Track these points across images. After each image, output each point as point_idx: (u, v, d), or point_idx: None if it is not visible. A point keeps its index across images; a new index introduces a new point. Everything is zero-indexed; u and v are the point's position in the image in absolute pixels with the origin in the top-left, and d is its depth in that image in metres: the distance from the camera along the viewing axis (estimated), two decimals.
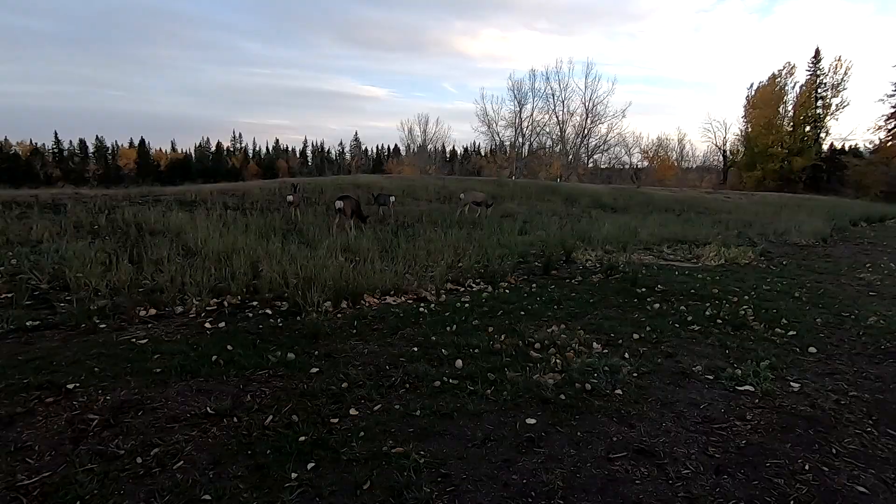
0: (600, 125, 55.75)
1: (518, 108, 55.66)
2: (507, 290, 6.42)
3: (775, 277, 7.79)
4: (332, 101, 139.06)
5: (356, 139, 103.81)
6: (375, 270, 6.35)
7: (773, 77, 47.31)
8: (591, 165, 60.51)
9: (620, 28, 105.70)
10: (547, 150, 59.27)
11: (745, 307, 5.76)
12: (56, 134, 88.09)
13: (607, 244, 9.98)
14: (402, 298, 5.81)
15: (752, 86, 50.79)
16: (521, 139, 57.01)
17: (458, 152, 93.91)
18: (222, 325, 4.63)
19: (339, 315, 5.10)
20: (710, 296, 6.31)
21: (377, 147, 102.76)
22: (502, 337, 4.55)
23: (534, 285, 6.76)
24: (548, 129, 58.07)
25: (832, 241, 13.08)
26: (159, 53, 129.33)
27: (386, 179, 18.91)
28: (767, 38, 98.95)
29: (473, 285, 6.70)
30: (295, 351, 4.03)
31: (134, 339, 4.12)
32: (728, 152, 54.77)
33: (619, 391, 3.51)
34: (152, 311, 4.88)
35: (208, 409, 3.03)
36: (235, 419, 2.96)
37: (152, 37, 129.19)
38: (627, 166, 61.98)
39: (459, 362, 3.91)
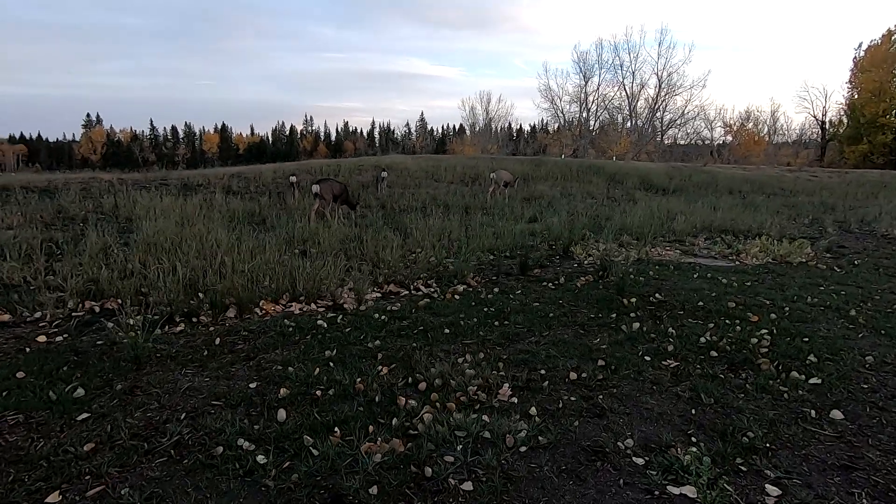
0: (675, 97, 51.16)
1: (583, 82, 52.30)
2: (457, 297, 5.22)
3: (833, 285, 5.92)
4: (402, 81, 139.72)
5: (422, 119, 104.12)
6: (307, 267, 5.38)
7: (889, 34, 40.42)
8: (668, 142, 55.80)
9: None
10: (619, 126, 55.38)
11: (762, 332, 4.17)
12: (151, 122, 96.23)
13: (626, 234, 8.35)
14: (313, 306, 4.80)
15: (860, 46, 43.80)
16: (585, 114, 53.70)
17: (526, 130, 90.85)
18: (61, 338, 3.88)
19: (211, 328, 4.19)
20: (723, 312, 4.74)
21: (442, 127, 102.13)
22: (383, 370, 3.42)
23: (495, 289, 5.49)
24: (616, 104, 54.25)
25: None
26: (242, 43, 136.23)
27: (412, 160, 17.88)
28: None
29: (422, 288, 5.56)
30: (98, 382, 3.17)
31: None
32: (828, 124, 48.10)
33: (468, 485, 2.29)
34: (5, 317, 4.24)
35: None
36: None
37: (237, 28, 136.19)
38: (708, 142, 56.60)
39: (283, 413, 2.85)
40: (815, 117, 49.38)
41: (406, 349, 3.81)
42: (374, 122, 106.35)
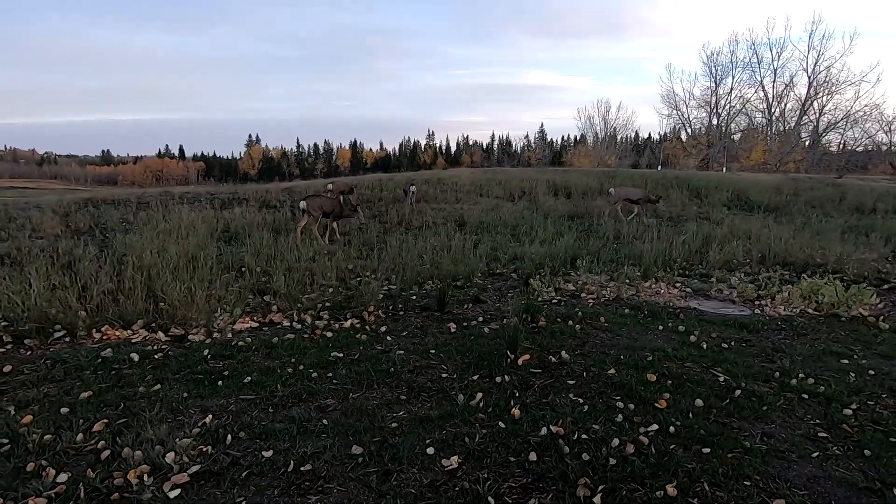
0: (835, 95, 43.23)
1: (714, 85, 46.71)
2: (328, 334, 4.49)
3: (872, 357, 4.01)
4: (526, 93, 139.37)
5: (541, 130, 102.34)
6: (189, 291, 5.07)
7: None
8: (833, 148, 47.29)
9: None
10: (759, 131, 48.50)
11: (650, 429, 2.82)
12: (297, 139, 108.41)
13: (630, 265, 6.78)
14: (160, 334, 4.43)
15: None
16: (716, 121, 47.86)
17: (654, 139, 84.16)
18: None
19: (28, 353, 4.02)
20: (628, 387, 3.36)
21: (561, 138, 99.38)
22: (98, 425, 2.89)
23: (382, 328, 4.64)
24: (757, 106, 47.53)
25: None
26: (377, 65, 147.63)
27: (469, 173, 17.13)
28: None
29: (307, 319, 4.91)
30: None
31: None
32: None
33: None
34: None
35: None
36: None
37: (372, 51, 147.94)
38: (885, 148, 46.77)
39: None
40: None
41: (165, 400, 3.23)
42: (493, 135, 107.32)
